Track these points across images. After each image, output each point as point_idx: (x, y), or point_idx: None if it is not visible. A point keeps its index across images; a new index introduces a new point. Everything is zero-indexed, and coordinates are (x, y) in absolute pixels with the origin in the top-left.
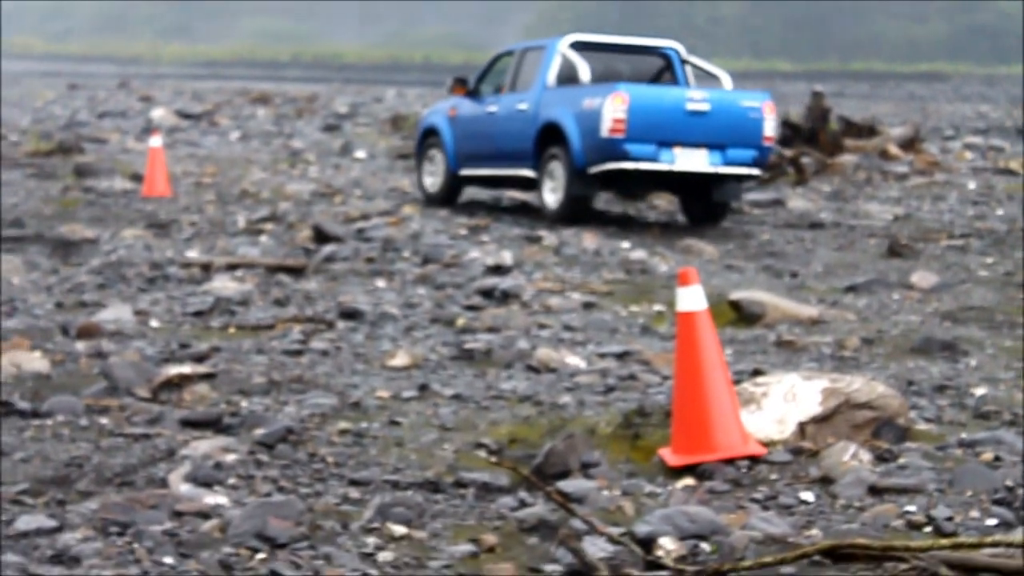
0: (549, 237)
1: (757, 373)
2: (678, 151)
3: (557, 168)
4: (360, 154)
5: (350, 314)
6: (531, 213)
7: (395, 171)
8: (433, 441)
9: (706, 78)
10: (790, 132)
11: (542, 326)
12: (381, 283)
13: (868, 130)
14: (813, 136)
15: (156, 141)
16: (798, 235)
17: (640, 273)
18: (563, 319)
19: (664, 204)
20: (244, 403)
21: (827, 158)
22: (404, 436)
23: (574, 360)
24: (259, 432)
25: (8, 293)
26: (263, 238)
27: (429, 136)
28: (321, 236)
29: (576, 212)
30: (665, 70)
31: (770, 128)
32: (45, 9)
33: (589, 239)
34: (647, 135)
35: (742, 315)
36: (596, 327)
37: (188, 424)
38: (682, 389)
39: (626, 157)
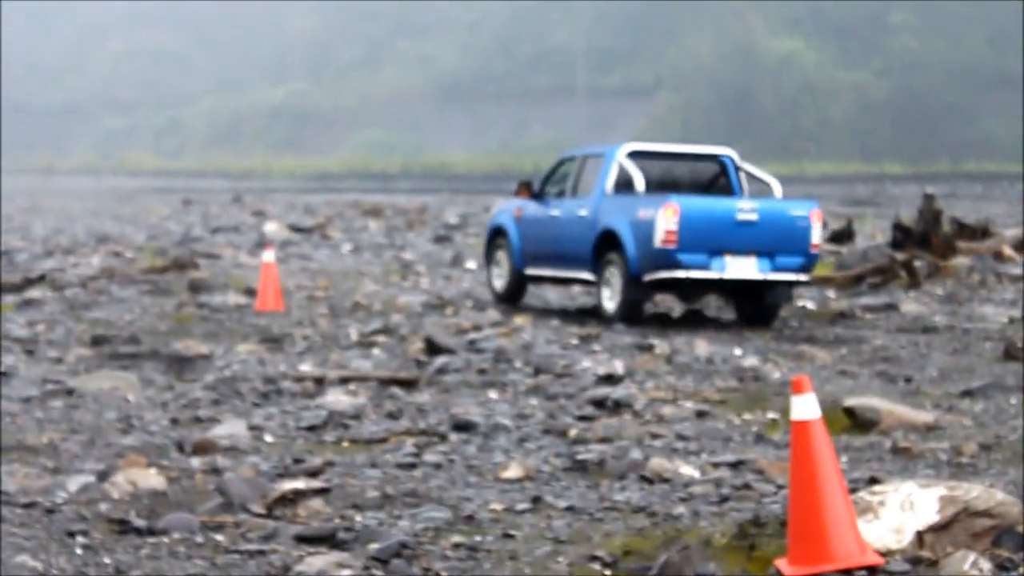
0: (661, 345)
1: (873, 481)
2: (728, 259)
3: (614, 274)
4: (471, 265)
5: (463, 426)
6: (643, 321)
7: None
8: (547, 554)
9: (759, 183)
10: (902, 235)
11: (655, 436)
12: (493, 394)
13: (981, 231)
14: (925, 239)
15: (269, 256)
16: (912, 339)
17: (753, 380)
18: (676, 428)
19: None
20: (358, 518)
21: (940, 261)
22: (518, 549)
23: (688, 470)
24: (373, 547)
25: (124, 410)
26: (375, 351)
27: (497, 237)
28: (433, 348)
29: (632, 316)
30: (720, 176)
31: (816, 235)
32: (158, 126)
33: (701, 346)
34: (698, 245)
35: (857, 422)
36: (709, 436)
37: (303, 540)
38: (798, 498)
39: (679, 266)
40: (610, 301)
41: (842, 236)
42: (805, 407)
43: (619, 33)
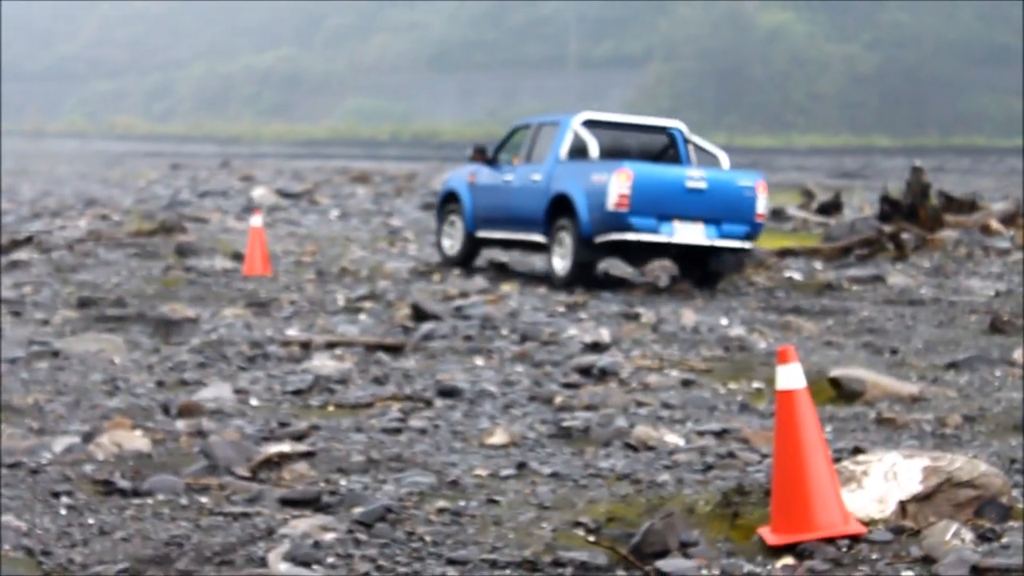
0: (647, 314)
1: (857, 451)
2: (677, 224)
3: (566, 236)
4: None
5: (448, 392)
6: (629, 289)
7: (494, 249)
8: (531, 520)
9: (708, 156)
10: (889, 208)
11: (640, 404)
12: (479, 361)
13: (969, 205)
14: (913, 212)
15: (256, 220)
16: (898, 311)
17: (739, 350)
18: (661, 397)
19: (762, 280)
20: (343, 482)
21: (927, 234)
22: (502, 515)
23: (672, 438)
24: (358, 511)
25: (110, 372)
26: (362, 316)
27: (449, 201)
28: (420, 314)
29: (581, 277)
30: (669, 147)
31: (762, 205)
32: (148, 90)
33: (687, 316)
34: (649, 209)
35: (842, 392)
36: (695, 405)
37: (287, 503)
38: (782, 468)
39: (629, 229)
40: (560, 262)
41: (830, 208)
42: (790, 377)
43: (610, 3)
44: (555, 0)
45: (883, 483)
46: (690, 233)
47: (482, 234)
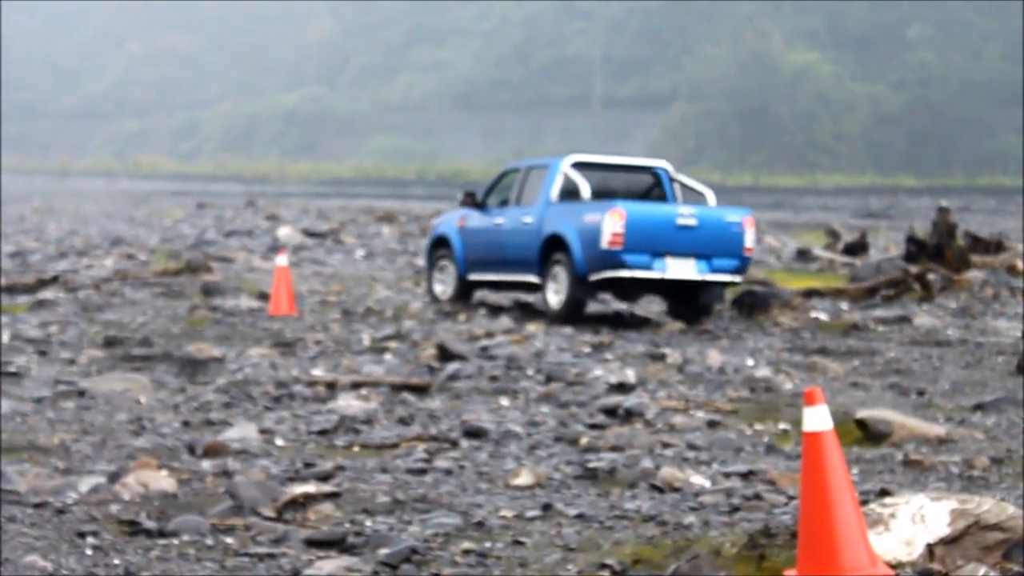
0: (673, 355)
1: (884, 493)
2: (669, 260)
3: (560, 274)
4: None
5: (474, 433)
6: (655, 330)
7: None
8: (557, 561)
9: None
10: (916, 248)
11: (666, 445)
12: (505, 401)
13: (995, 246)
14: (939, 252)
15: (282, 260)
16: (925, 352)
17: (765, 391)
18: (687, 438)
19: (788, 321)
20: (368, 523)
21: (954, 274)
22: (528, 556)
23: (699, 479)
24: (383, 552)
25: (135, 412)
26: (388, 356)
27: (439, 246)
28: (445, 354)
29: (576, 313)
30: (655, 187)
31: (749, 240)
32: (174, 129)
33: (713, 356)
34: (642, 246)
35: (868, 434)
36: (720, 446)
37: (313, 544)
38: (808, 510)
39: (623, 266)
40: (555, 298)
41: (856, 248)
42: (817, 418)
43: (635, 43)
44: (581, 39)
45: (911, 525)
46: (682, 269)
47: (474, 277)
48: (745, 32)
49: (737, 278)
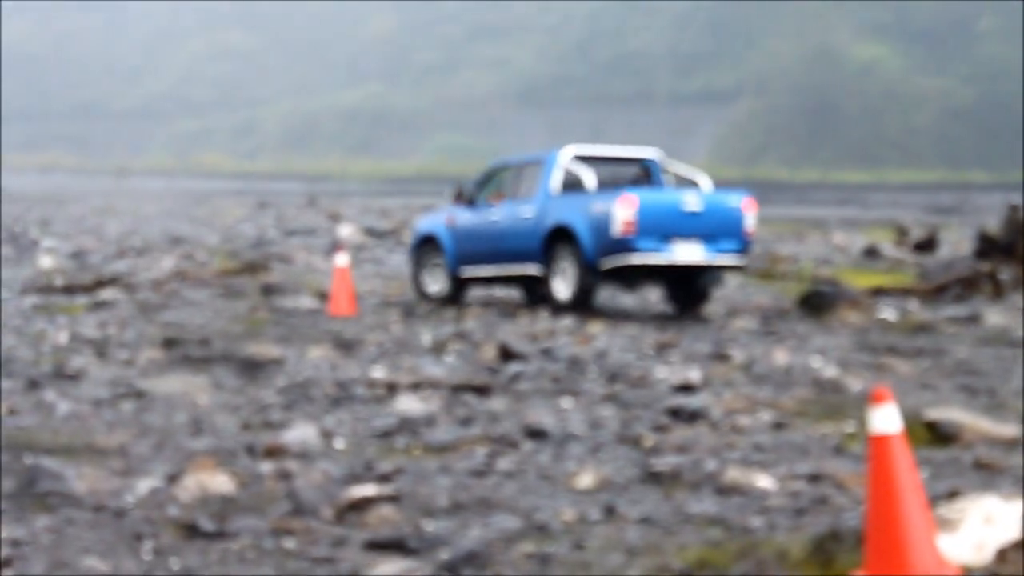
0: (738, 355)
1: (954, 495)
2: (677, 245)
3: (567, 264)
4: None
5: (535, 434)
6: (720, 329)
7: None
8: (619, 565)
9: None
10: (986, 246)
11: (731, 446)
12: (567, 402)
13: None
14: (1010, 249)
15: (342, 259)
16: (995, 352)
17: (832, 391)
18: (753, 439)
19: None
20: (428, 525)
21: None
22: (590, 559)
23: (764, 481)
24: (443, 554)
25: (194, 413)
26: (448, 357)
27: (425, 245)
28: (507, 354)
29: (584, 302)
30: (647, 175)
31: (750, 222)
32: (234, 127)
33: (779, 356)
34: (652, 232)
35: (937, 435)
36: (787, 447)
37: (372, 546)
38: (876, 512)
39: (636, 252)
40: (562, 287)
41: (925, 246)
42: (885, 419)
43: (700, 37)
44: (644, 34)
45: (981, 528)
46: (690, 252)
47: (467, 273)
48: (811, 26)
49: (740, 260)
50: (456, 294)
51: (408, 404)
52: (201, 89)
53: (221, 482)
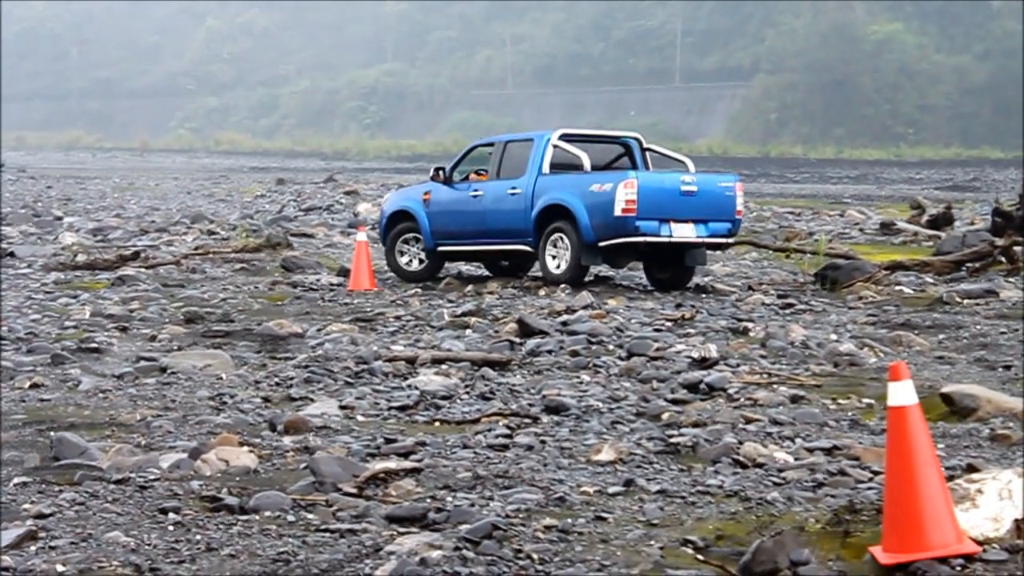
0: (755, 329)
1: (971, 469)
2: (673, 225)
3: (562, 241)
4: None
5: (555, 408)
6: (737, 303)
7: (599, 264)
8: (639, 537)
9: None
10: (1002, 221)
11: (749, 420)
12: (586, 377)
13: None
14: None
15: (362, 236)
16: (1011, 326)
17: (849, 365)
18: (770, 413)
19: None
20: (449, 498)
21: None
22: (610, 532)
23: (782, 455)
24: (464, 528)
25: (216, 388)
26: (468, 332)
27: (398, 222)
28: (526, 330)
29: (578, 278)
30: (627, 156)
31: (740, 203)
32: (253, 105)
33: (796, 331)
34: (652, 212)
35: (954, 409)
36: (804, 421)
37: (394, 520)
38: (894, 485)
39: (637, 232)
40: (554, 263)
41: (941, 221)
42: (902, 393)
43: (716, 15)
44: (661, 12)
45: (998, 501)
46: (685, 232)
47: (445, 248)
48: (827, 3)
49: (730, 240)
50: (433, 270)
51: (428, 378)
52: (221, 67)
53: (244, 456)
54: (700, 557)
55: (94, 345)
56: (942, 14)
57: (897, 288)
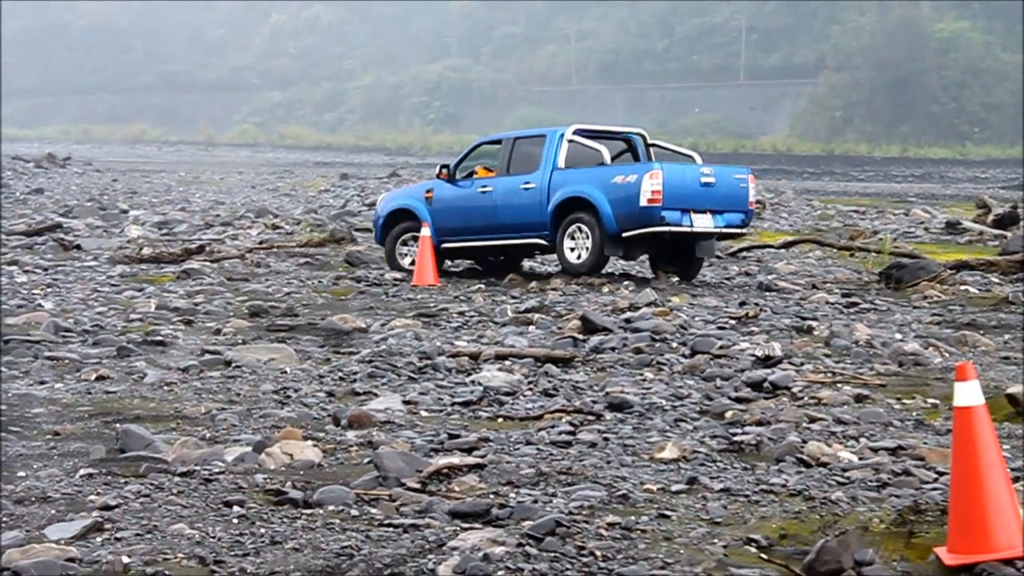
0: (819, 328)
1: None
2: (694, 215)
3: (580, 232)
4: None
5: (618, 405)
6: (801, 302)
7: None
8: (702, 536)
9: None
10: None
11: (813, 419)
12: (649, 374)
13: None
14: None
15: (425, 231)
16: None
17: (914, 365)
18: (834, 412)
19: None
20: (512, 495)
21: None
22: (673, 530)
23: (846, 454)
24: (527, 524)
25: (281, 382)
26: (531, 328)
27: (398, 220)
28: (589, 327)
29: (599, 268)
30: (630, 151)
31: (752, 194)
32: (318, 100)
33: (861, 330)
34: (676, 203)
35: (1020, 410)
36: (868, 420)
37: (457, 515)
38: (959, 486)
39: (662, 222)
40: (573, 255)
41: (1007, 221)
42: (968, 393)
43: (780, 12)
44: (725, 9)
45: None
46: (704, 222)
47: (450, 245)
48: (893, 1)
49: (744, 230)
50: (439, 265)
51: (492, 375)
52: (285, 62)
53: (308, 450)
54: (764, 556)
55: (159, 338)
56: (1009, 12)
57: (962, 288)
